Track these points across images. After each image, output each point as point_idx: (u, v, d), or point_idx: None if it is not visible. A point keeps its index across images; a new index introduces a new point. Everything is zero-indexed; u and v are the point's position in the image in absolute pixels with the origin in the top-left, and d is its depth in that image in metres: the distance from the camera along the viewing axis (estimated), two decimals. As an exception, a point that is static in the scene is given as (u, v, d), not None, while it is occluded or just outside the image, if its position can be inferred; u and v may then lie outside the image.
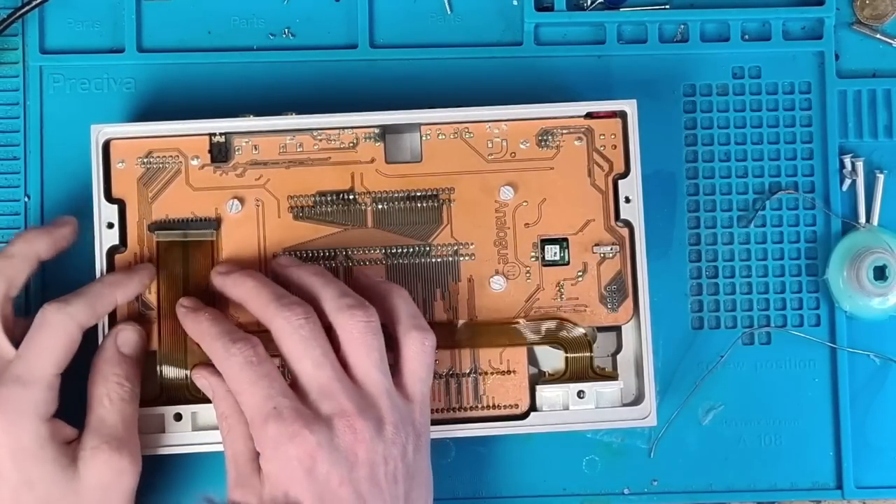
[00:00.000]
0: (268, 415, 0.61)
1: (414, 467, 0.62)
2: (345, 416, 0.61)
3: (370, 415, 0.61)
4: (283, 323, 0.62)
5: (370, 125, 0.68)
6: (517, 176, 0.69)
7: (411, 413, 0.63)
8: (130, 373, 0.65)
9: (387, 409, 0.62)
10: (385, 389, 0.62)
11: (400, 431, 0.62)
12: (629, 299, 0.68)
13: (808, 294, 0.73)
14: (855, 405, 0.73)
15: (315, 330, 0.62)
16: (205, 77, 0.72)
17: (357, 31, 0.73)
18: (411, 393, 0.63)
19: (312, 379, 0.62)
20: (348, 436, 0.61)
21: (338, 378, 0.62)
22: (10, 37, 0.72)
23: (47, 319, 0.63)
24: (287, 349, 0.62)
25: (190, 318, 0.65)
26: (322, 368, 0.62)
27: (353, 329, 0.62)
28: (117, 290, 0.65)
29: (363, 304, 0.63)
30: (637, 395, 0.69)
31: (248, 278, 0.65)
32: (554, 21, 0.73)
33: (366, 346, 0.62)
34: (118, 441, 0.63)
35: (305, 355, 0.62)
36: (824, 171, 0.73)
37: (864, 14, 0.74)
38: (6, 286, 0.64)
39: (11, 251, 0.65)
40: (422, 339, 0.64)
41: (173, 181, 0.68)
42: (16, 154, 0.72)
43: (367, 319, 0.63)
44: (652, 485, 0.72)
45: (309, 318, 0.62)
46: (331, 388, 0.61)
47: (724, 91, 0.74)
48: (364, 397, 0.62)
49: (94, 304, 0.64)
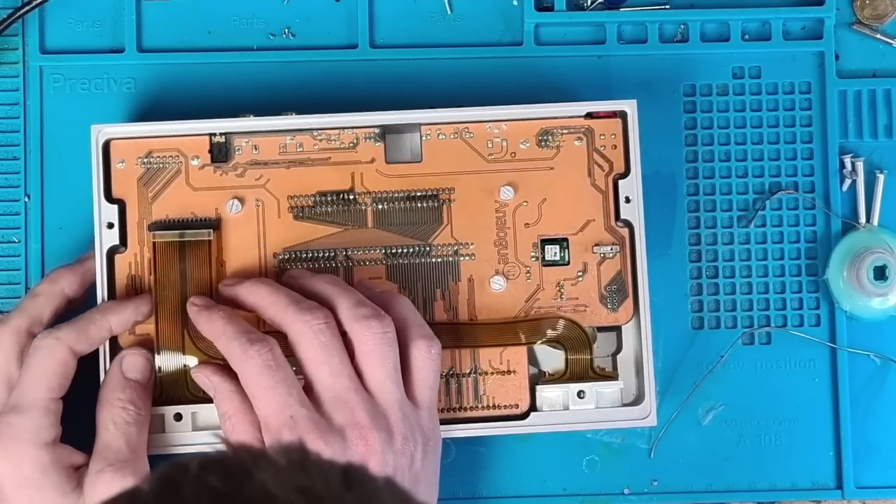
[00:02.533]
0: (283, 423, 0.61)
1: (420, 473, 0.63)
2: (358, 427, 0.61)
3: (382, 425, 0.62)
4: (302, 327, 0.62)
5: (370, 125, 0.68)
6: (517, 176, 0.69)
7: (420, 420, 0.63)
8: (135, 397, 0.65)
9: (397, 420, 0.62)
10: (397, 400, 0.63)
11: (409, 441, 0.62)
12: (629, 299, 0.68)
13: (808, 294, 0.73)
14: (855, 405, 0.73)
15: (334, 336, 0.63)
16: (205, 77, 0.72)
17: (357, 31, 0.73)
18: (420, 400, 0.64)
19: (328, 387, 0.62)
20: (361, 447, 0.61)
21: (353, 388, 0.62)
22: (10, 37, 0.72)
23: (37, 346, 0.64)
24: (305, 354, 0.63)
25: (203, 317, 0.65)
26: (339, 377, 0.62)
27: (370, 340, 0.63)
28: (111, 316, 0.65)
29: (379, 315, 0.63)
30: (637, 395, 0.69)
31: (263, 285, 0.65)
32: (554, 21, 0.73)
33: (381, 358, 0.63)
34: (122, 463, 0.63)
35: (324, 362, 0.62)
36: (824, 171, 0.73)
37: (864, 14, 0.74)
38: (28, 322, 0.65)
39: (37, 290, 0.66)
40: (428, 347, 0.64)
41: (173, 181, 0.68)
42: (16, 154, 0.72)
43: (384, 330, 0.63)
44: (652, 485, 0.72)
45: (329, 324, 0.63)
46: (346, 398, 0.62)
47: (724, 91, 0.74)
48: (376, 408, 0.62)
49: (86, 329, 0.64)
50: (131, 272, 0.67)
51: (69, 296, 0.67)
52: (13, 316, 0.66)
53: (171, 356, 0.66)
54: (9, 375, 0.64)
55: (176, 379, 0.66)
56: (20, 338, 0.65)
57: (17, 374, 0.64)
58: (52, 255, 0.71)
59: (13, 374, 0.64)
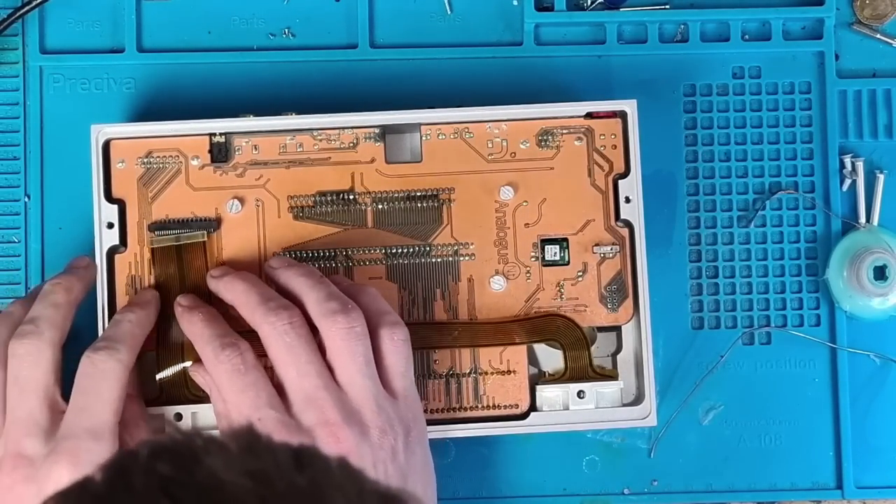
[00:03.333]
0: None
1: (406, 466, 0.62)
2: (328, 425, 0.61)
3: (354, 420, 0.61)
4: (269, 329, 0.62)
5: (370, 125, 0.68)
6: (517, 176, 0.69)
7: (398, 411, 0.63)
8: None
9: (372, 413, 0.62)
10: (371, 394, 0.62)
11: (387, 434, 0.62)
12: (629, 299, 0.68)
13: (808, 294, 0.73)
14: (855, 405, 0.72)
15: (300, 336, 0.62)
16: (205, 77, 0.72)
17: (357, 31, 0.73)
18: (395, 389, 0.63)
19: (297, 387, 0.62)
20: (332, 445, 0.60)
21: (323, 386, 0.62)
22: (10, 37, 0.72)
23: (102, 368, 0.62)
24: (273, 355, 0.63)
25: (185, 318, 0.65)
26: (306, 377, 0.62)
27: (336, 336, 0.62)
28: (147, 326, 0.65)
29: (346, 309, 0.63)
30: (637, 395, 0.69)
31: (239, 281, 0.65)
32: (554, 21, 0.73)
33: (349, 353, 0.62)
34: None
35: (290, 363, 0.62)
36: (824, 171, 0.73)
37: (864, 14, 0.74)
38: (61, 336, 0.64)
39: (57, 301, 0.65)
40: (390, 334, 0.63)
41: (173, 181, 0.68)
42: (16, 154, 0.72)
43: (350, 325, 0.62)
44: (652, 485, 0.72)
45: (294, 324, 0.62)
46: (315, 397, 0.61)
47: (724, 91, 0.73)
48: (348, 403, 0.62)
49: (136, 347, 0.64)
50: (131, 272, 0.67)
51: (79, 305, 0.66)
52: (44, 327, 0.63)
53: (171, 356, 0.66)
54: (49, 391, 0.63)
55: (176, 379, 0.66)
56: (56, 352, 0.63)
57: (55, 389, 0.63)
58: (52, 255, 0.71)
59: (52, 390, 0.63)
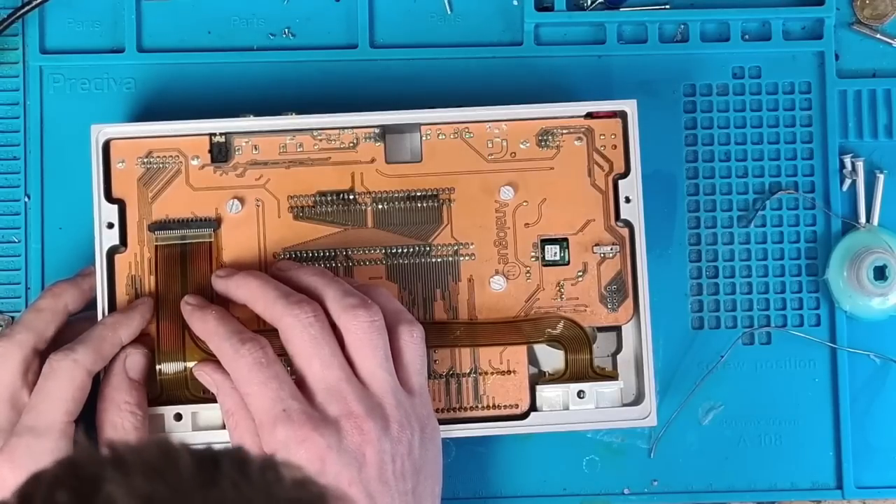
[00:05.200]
0: (276, 417, 0.61)
1: (420, 461, 0.63)
2: (352, 417, 0.61)
3: (377, 414, 0.61)
4: (292, 321, 0.62)
5: (370, 125, 0.68)
6: (517, 176, 0.69)
7: (415, 407, 0.63)
8: (141, 399, 0.64)
9: (392, 407, 0.62)
10: (391, 388, 0.62)
11: (405, 428, 0.62)
12: (629, 299, 0.68)
13: (808, 294, 0.73)
14: (855, 405, 0.72)
15: (324, 329, 0.63)
16: (205, 77, 0.72)
17: (357, 31, 0.73)
18: (412, 386, 0.64)
19: (320, 379, 0.62)
20: (356, 437, 0.61)
21: (346, 378, 0.62)
22: (10, 37, 0.72)
23: (55, 368, 0.63)
24: (296, 348, 0.63)
25: (196, 317, 0.65)
26: (330, 369, 0.62)
27: (358, 329, 0.63)
28: (120, 330, 0.65)
29: (366, 304, 0.63)
30: (637, 395, 0.69)
31: (253, 278, 0.65)
32: (554, 21, 0.73)
33: (371, 346, 0.63)
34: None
35: (315, 354, 0.62)
36: (824, 171, 0.73)
37: (864, 14, 0.74)
38: (35, 339, 0.65)
39: (41, 305, 0.66)
40: (410, 331, 0.64)
41: (173, 181, 0.68)
42: (16, 154, 0.72)
43: (371, 319, 0.63)
44: (652, 485, 0.72)
45: (318, 317, 0.63)
46: (339, 389, 0.62)
47: (724, 91, 0.74)
48: (370, 397, 0.62)
49: (100, 349, 0.64)
50: (131, 272, 0.67)
51: (71, 311, 0.66)
52: (18, 330, 0.65)
53: (171, 356, 0.66)
54: (14, 392, 0.64)
55: (176, 379, 0.66)
56: (26, 354, 0.64)
57: (22, 392, 0.63)
58: (52, 255, 0.71)
59: (18, 392, 0.64)
